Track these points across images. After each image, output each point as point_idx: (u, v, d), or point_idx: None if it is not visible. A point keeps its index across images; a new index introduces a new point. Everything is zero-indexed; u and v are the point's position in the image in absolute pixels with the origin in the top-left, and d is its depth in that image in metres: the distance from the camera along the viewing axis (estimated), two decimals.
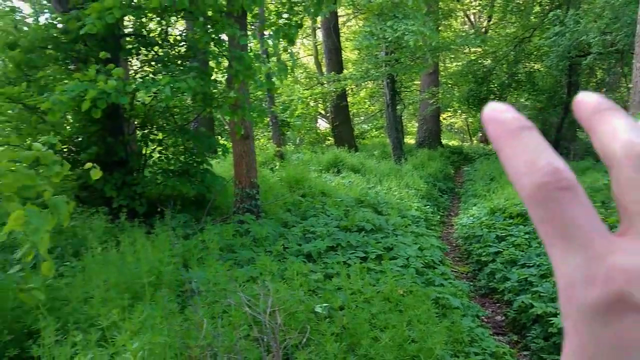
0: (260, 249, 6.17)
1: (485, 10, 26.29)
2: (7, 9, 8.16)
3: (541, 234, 0.36)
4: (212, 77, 7.64)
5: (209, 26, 6.34)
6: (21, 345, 3.39)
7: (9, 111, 8.05)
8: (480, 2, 25.12)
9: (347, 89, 19.35)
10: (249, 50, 7.37)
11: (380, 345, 3.41)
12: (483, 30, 25.52)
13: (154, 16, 7.66)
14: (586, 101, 0.42)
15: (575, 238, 0.34)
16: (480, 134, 29.62)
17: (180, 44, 8.43)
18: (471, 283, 7.33)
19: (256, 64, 6.52)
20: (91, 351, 2.61)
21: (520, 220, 8.58)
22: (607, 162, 0.38)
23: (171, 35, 8.52)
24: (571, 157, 16.50)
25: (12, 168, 3.21)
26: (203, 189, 8.02)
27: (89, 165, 3.63)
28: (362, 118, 29.33)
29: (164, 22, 8.09)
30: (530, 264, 6.64)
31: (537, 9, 20.89)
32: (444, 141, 25.08)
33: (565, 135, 18.62)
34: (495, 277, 6.91)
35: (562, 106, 18.43)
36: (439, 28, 20.17)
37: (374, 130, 27.85)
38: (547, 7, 19.38)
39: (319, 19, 19.06)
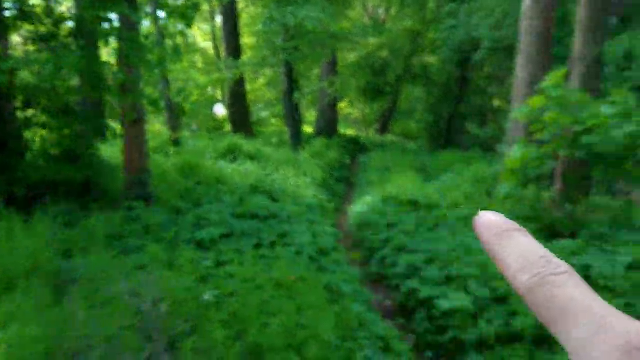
0: (150, 237, 5.97)
1: (383, 3, 26.94)
2: None
3: (544, 320, 0.39)
4: (102, 59, 7.28)
5: (97, 3, 6.01)
6: None
7: None
8: None
9: (245, 75, 19.12)
10: (140, 31, 7.07)
11: (270, 331, 3.41)
12: (381, 22, 26.14)
13: None
14: (486, 223, 0.46)
15: (576, 313, 0.37)
16: (377, 125, 30.36)
17: (66, 22, 7.94)
18: (363, 269, 7.51)
19: (148, 46, 6.27)
20: None
21: (410, 209, 8.89)
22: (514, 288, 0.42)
23: (56, 12, 8.00)
24: (460, 148, 17.29)
25: None
26: (90, 174, 7.63)
27: None
28: (260, 105, 29.14)
29: None
30: (418, 250, 6.89)
31: (432, 4, 21.67)
32: (341, 131, 25.45)
33: (456, 128, 19.50)
34: (385, 263, 7.12)
35: (454, 100, 19.28)
36: (338, 18, 20.41)
37: (273, 118, 27.76)
38: (442, 2, 20.14)
39: (216, 1, 18.69)
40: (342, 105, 29.40)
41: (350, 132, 29.89)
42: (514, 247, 0.42)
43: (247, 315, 3.55)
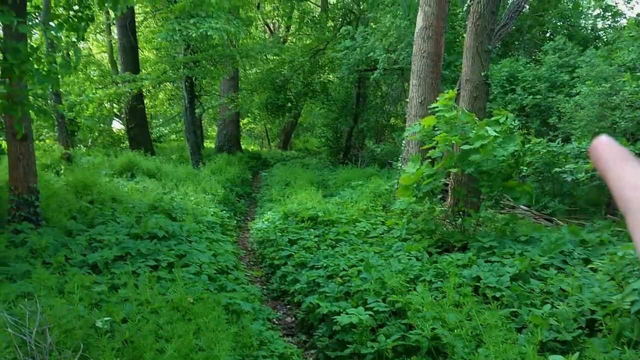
0: (38, 261, 5.64)
1: (283, 21, 27.27)
2: None
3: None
4: None
5: None
6: None
7: None
8: (279, 12, 25.97)
9: (144, 90, 18.63)
10: (27, 42, 6.71)
11: (165, 356, 3.33)
12: (282, 39, 26.40)
13: None
14: (608, 147, 0.51)
15: None
16: (279, 140, 30.52)
17: None
18: (264, 287, 7.50)
19: (34, 58, 5.96)
20: None
21: (310, 224, 8.99)
22: (623, 206, 0.48)
23: None
24: (359, 164, 17.73)
25: None
26: None
27: None
28: (161, 121, 28.49)
29: None
30: (319, 266, 6.99)
31: (330, 23, 22.18)
32: (243, 146, 25.37)
33: (354, 144, 19.98)
34: (286, 280, 7.15)
35: (352, 116, 19.77)
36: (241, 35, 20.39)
37: (174, 133, 27.20)
38: (339, 22, 20.68)
39: (113, 14, 18.11)
40: (245, 121, 29.36)
41: (252, 147, 29.90)
42: (632, 170, 0.48)
43: (141, 341, 3.44)
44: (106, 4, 7.17)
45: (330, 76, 22.73)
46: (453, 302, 5.06)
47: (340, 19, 20.68)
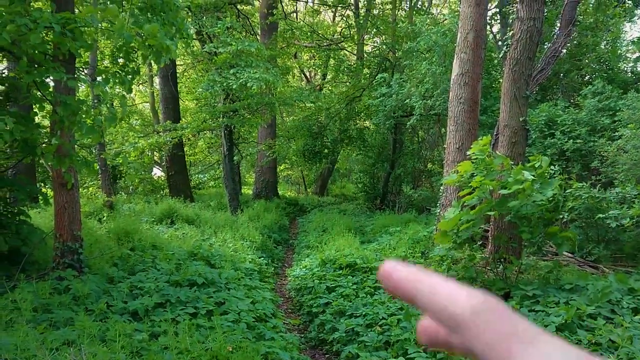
0: (81, 308, 5.73)
1: (320, 69, 27.79)
2: None
3: (485, 342, 0.42)
4: (36, 122, 7.11)
5: (33, 68, 5.94)
6: None
7: None
8: (315, 61, 26.49)
9: (184, 138, 19.10)
10: (76, 96, 6.99)
11: None
12: (318, 87, 26.83)
13: None
14: (401, 269, 0.48)
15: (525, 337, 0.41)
16: (316, 186, 30.66)
17: None
18: (302, 335, 7.42)
19: (83, 110, 6.20)
20: None
21: (348, 272, 8.93)
22: (454, 321, 0.44)
23: None
24: (397, 209, 17.62)
25: None
26: (18, 242, 7.32)
27: None
28: (200, 168, 29.04)
29: None
30: (357, 314, 6.91)
31: (366, 71, 22.47)
32: (280, 192, 25.54)
33: (391, 189, 19.91)
34: (325, 328, 7.07)
35: (389, 162, 19.78)
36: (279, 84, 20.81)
37: (212, 180, 27.65)
38: (375, 70, 20.94)
39: (155, 66, 18.76)
40: (282, 167, 29.66)
41: (289, 193, 30.07)
42: (438, 284, 0.45)
43: None
44: (149, 57, 7.44)
45: (367, 122, 22.87)
46: None
47: (376, 67, 20.93)
